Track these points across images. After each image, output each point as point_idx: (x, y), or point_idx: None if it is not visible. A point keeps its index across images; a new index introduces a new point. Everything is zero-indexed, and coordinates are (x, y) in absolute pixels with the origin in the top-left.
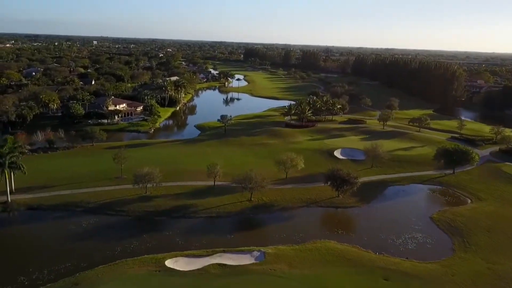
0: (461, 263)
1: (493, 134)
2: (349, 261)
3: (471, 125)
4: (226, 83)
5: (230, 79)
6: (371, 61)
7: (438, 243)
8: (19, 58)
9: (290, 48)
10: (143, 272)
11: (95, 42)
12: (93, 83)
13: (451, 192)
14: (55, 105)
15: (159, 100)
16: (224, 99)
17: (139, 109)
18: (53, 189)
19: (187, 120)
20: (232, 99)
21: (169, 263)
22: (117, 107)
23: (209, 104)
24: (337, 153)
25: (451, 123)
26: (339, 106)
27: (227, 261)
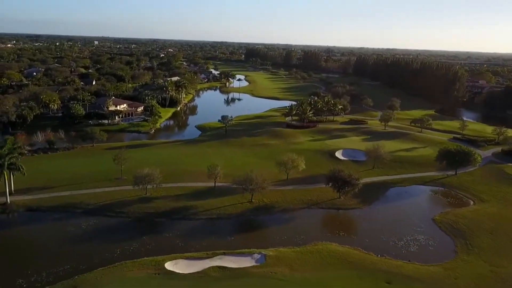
0: (464, 266)
1: (496, 134)
2: (350, 264)
3: (473, 126)
4: (227, 84)
5: (231, 79)
6: (373, 61)
7: (440, 245)
8: (20, 58)
9: (291, 48)
10: (142, 275)
11: (96, 42)
12: (94, 83)
13: (453, 193)
14: (56, 105)
15: (160, 100)
16: (225, 100)
17: (139, 109)
18: (52, 190)
19: (188, 120)
20: (233, 100)
21: (169, 265)
22: (118, 107)
23: (210, 104)
24: (339, 154)
25: (453, 124)
26: (340, 106)
27: (227, 263)
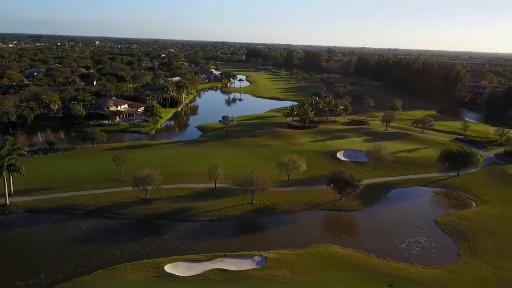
0: (467, 269)
1: (498, 135)
2: (352, 267)
3: (475, 126)
4: (228, 84)
5: (232, 79)
6: (374, 61)
7: (442, 247)
8: (21, 58)
9: (292, 48)
10: (142, 277)
11: (98, 42)
12: (94, 83)
13: (455, 194)
14: (56, 105)
15: (160, 100)
16: (226, 100)
17: (140, 109)
18: (52, 191)
19: (189, 121)
20: (234, 100)
21: (169, 268)
22: (118, 108)
23: (211, 104)
24: (340, 155)
25: (455, 124)
26: (341, 107)
27: (227, 266)
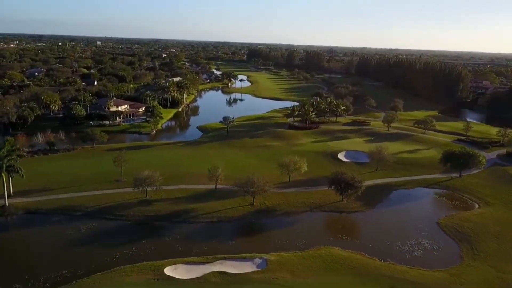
0: (470, 272)
1: (500, 136)
2: (353, 269)
3: (477, 127)
4: (229, 84)
5: (233, 79)
6: (375, 61)
7: (445, 250)
8: (22, 58)
9: (293, 48)
10: (141, 280)
11: (99, 42)
12: (95, 83)
13: (457, 196)
14: (57, 106)
15: (161, 101)
16: (227, 100)
17: (141, 110)
18: (52, 192)
19: (190, 121)
20: (235, 100)
21: (168, 270)
22: (119, 108)
23: (211, 105)
24: (341, 156)
25: (457, 125)
26: (343, 107)
27: (228, 268)
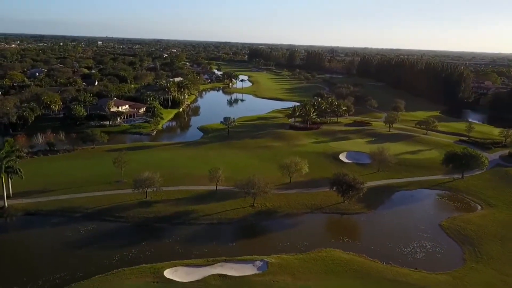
0: (473, 275)
1: (503, 137)
2: (355, 272)
3: (479, 128)
4: (230, 84)
5: (234, 80)
6: (377, 61)
7: (448, 252)
8: (23, 58)
9: (294, 48)
10: (140, 283)
11: (100, 42)
12: (96, 84)
13: (460, 197)
14: (57, 106)
15: (162, 101)
16: (228, 100)
17: (141, 110)
18: (51, 193)
19: (190, 121)
20: (236, 100)
21: (168, 273)
22: (120, 108)
23: (212, 105)
24: (343, 157)
25: (459, 125)
26: (344, 107)
27: (228, 271)
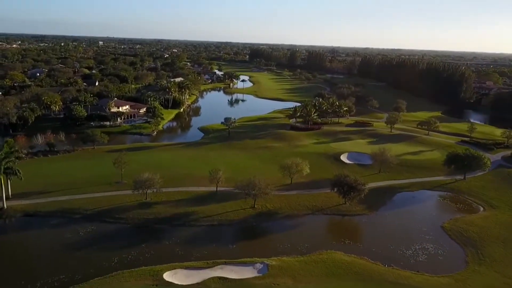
0: (475, 277)
1: (505, 137)
2: (356, 275)
3: (481, 128)
4: (231, 85)
5: (235, 80)
6: (378, 62)
7: (450, 254)
8: (24, 58)
9: (295, 48)
10: (139, 286)
11: (101, 42)
12: (97, 84)
13: (462, 199)
14: (57, 106)
15: (162, 101)
16: (228, 101)
17: (142, 111)
18: (51, 194)
19: (191, 122)
20: (236, 101)
21: (167, 276)
22: (120, 109)
23: (213, 105)
24: (344, 158)
25: (461, 126)
26: (345, 108)
27: (228, 274)
